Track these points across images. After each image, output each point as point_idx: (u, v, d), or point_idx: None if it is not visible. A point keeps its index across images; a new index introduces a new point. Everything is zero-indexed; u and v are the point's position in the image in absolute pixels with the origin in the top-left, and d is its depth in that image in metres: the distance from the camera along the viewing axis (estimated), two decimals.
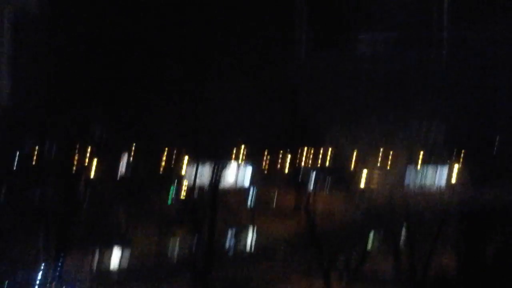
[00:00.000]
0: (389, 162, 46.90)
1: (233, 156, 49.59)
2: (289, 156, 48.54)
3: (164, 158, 48.49)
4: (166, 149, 48.33)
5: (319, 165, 48.47)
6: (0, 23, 55.61)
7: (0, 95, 53.33)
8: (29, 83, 50.19)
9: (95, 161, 48.46)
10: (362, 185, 47.01)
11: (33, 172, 48.20)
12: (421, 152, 46.59)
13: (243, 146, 49.48)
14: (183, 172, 48.19)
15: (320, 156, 49.93)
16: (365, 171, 47.18)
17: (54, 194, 47.95)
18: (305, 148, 49.43)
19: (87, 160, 48.47)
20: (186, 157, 48.09)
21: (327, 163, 48.45)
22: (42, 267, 45.62)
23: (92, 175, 48.25)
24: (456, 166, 46.50)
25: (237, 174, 49.96)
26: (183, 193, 47.81)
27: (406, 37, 50.99)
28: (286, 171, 48.42)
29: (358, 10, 51.61)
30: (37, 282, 45.19)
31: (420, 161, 47.30)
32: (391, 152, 47.10)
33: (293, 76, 48.89)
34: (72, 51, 47.64)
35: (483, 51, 48.38)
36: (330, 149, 49.05)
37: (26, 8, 52.45)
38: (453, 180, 46.64)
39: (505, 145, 46.55)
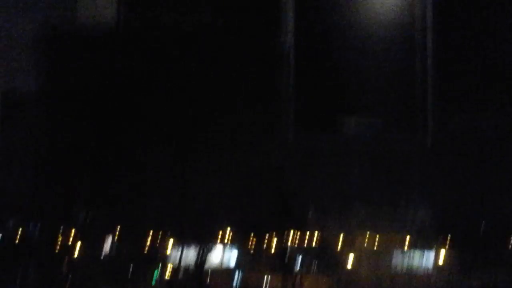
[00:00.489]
0: (375, 246, 46.63)
1: (219, 239, 49.20)
2: (275, 239, 48.07)
3: (149, 240, 48.00)
4: (151, 231, 47.89)
5: (305, 248, 48.07)
6: None
7: None
8: (14, 164, 50.09)
9: (79, 242, 48.01)
10: (348, 268, 46.61)
11: (16, 252, 47.63)
12: (408, 236, 46.45)
13: (228, 229, 49.18)
14: (167, 255, 47.65)
15: (307, 239, 49.60)
16: (351, 255, 46.87)
17: (36, 276, 47.35)
18: (291, 231, 49.09)
19: (70, 241, 48.08)
20: (171, 240, 47.62)
21: (314, 246, 48.10)
22: None
23: (75, 256, 47.76)
24: (442, 251, 46.27)
25: (223, 257, 49.45)
26: (167, 276, 47.13)
27: (392, 122, 51.43)
28: (272, 253, 47.88)
29: (344, 95, 52.14)
30: None
31: (406, 245, 47.08)
32: (377, 236, 46.88)
33: (279, 159, 48.92)
34: (58, 130, 47.78)
35: (467, 136, 48.81)
36: (316, 232, 48.77)
37: (13, 89, 52.72)
38: (440, 264, 46.35)
39: (490, 231, 46.51)
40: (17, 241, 48.81)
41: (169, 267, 46.88)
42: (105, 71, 48.39)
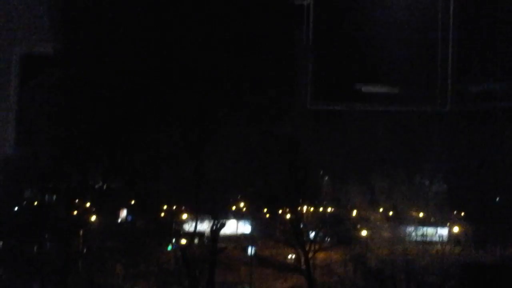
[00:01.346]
0: (390, 218, 46.33)
1: (233, 212, 49.28)
2: (289, 211, 47.95)
3: (163, 213, 48.18)
4: (165, 205, 48.04)
5: (319, 221, 47.93)
6: (7, 66, 55.49)
7: (4, 144, 53.24)
8: (33, 131, 50.07)
9: (93, 215, 48.30)
10: (362, 241, 46.37)
11: (32, 224, 47.97)
12: (423, 208, 46.13)
13: (242, 203, 49.23)
14: (181, 228, 47.79)
15: (321, 211, 49.48)
16: (366, 227, 46.63)
17: (52, 248, 47.77)
18: (305, 203, 48.97)
19: (86, 213, 48.38)
20: (185, 213, 47.75)
21: (328, 218, 47.96)
22: None
23: (90, 228, 48.06)
24: (457, 223, 45.97)
25: (236, 230, 49.57)
26: (181, 249, 47.27)
27: (411, 90, 50.67)
28: (286, 227, 47.80)
29: (362, 64, 51.41)
30: None
31: (422, 217, 46.80)
32: (393, 208, 46.57)
33: (294, 130, 48.46)
34: (76, 100, 47.63)
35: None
36: (330, 204, 48.59)
37: (33, 51, 52.32)
38: (454, 237, 46.11)
39: (506, 204, 46.06)
40: (33, 213, 49.25)
41: (183, 240, 46.97)
42: (126, 40, 48.02)
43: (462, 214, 46.29)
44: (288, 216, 47.49)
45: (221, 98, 46.88)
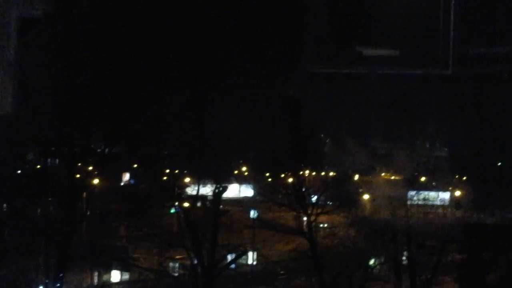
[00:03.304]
0: (392, 183, 46.51)
1: (235, 176, 49.41)
2: (291, 176, 48.01)
3: (165, 177, 48.31)
4: (168, 169, 48.15)
5: (321, 186, 48.03)
6: (5, 28, 55.34)
7: (5, 105, 53.30)
8: (33, 93, 49.96)
9: (97, 177, 48.39)
10: (364, 206, 46.63)
11: (35, 187, 48.13)
12: (424, 175, 46.27)
13: (244, 167, 49.36)
14: (184, 191, 47.90)
15: (322, 176, 49.68)
16: (367, 192, 46.82)
17: (55, 209, 47.95)
18: (307, 168, 49.12)
19: (89, 177, 48.47)
20: (188, 177, 47.86)
21: (329, 184, 48.07)
22: (42, 282, 45.54)
23: (94, 191, 48.21)
24: (458, 190, 46.12)
25: (239, 194, 49.77)
26: (184, 212, 47.48)
27: (412, 52, 50.54)
28: (288, 191, 47.88)
29: (363, 27, 51.18)
30: None
31: (423, 182, 46.94)
32: (394, 172, 46.76)
33: (295, 91, 48.46)
34: (79, 63, 47.46)
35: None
36: (332, 168, 48.74)
37: (31, 13, 52.03)
38: (455, 202, 46.32)
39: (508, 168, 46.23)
40: (36, 176, 49.43)
41: (186, 203, 47.12)
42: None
43: (464, 178, 46.47)
44: (290, 179, 47.57)
45: (223, 60, 46.74)
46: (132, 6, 47.19)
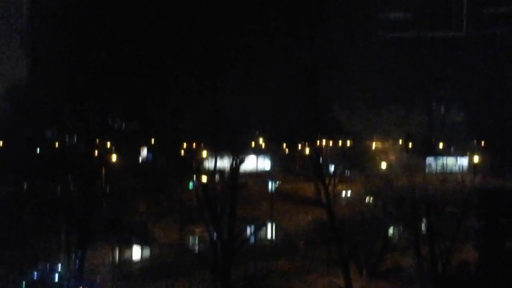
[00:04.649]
0: (408, 150, 46.04)
1: (252, 149, 49.20)
2: (308, 146, 47.72)
3: (183, 152, 48.27)
4: (185, 143, 48.08)
5: (338, 155, 47.75)
6: (19, 12, 55.44)
7: (20, 88, 53.49)
8: (48, 75, 50.01)
9: (115, 154, 48.48)
10: (381, 174, 46.21)
11: (54, 164, 48.32)
12: (442, 141, 45.84)
13: (261, 138, 49.14)
14: (202, 165, 47.86)
15: (340, 145, 49.37)
16: (384, 159, 46.36)
17: (75, 187, 48.16)
18: (324, 138, 48.78)
19: (107, 153, 48.62)
20: (205, 151, 47.74)
21: (347, 153, 47.79)
22: (63, 259, 45.91)
23: (113, 167, 48.34)
24: (476, 156, 45.55)
25: (256, 166, 49.62)
26: (203, 186, 47.48)
27: (424, 17, 49.94)
28: (305, 162, 47.68)
29: None
30: (58, 274, 45.41)
31: (440, 148, 46.51)
32: (410, 140, 46.27)
33: (311, 63, 48.04)
34: (94, 43, 47.45)
35: None
36: (348, 137, 48.35)
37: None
38: (474, 170, 45.79)
39: None
40: (55, 154, 49.62)
41: (204, 177, 47.09)
42: None
43: (482, 143, 45.99)
44: (307, 150, 47.30)
45: (238, 30, 46.41)
46: None
